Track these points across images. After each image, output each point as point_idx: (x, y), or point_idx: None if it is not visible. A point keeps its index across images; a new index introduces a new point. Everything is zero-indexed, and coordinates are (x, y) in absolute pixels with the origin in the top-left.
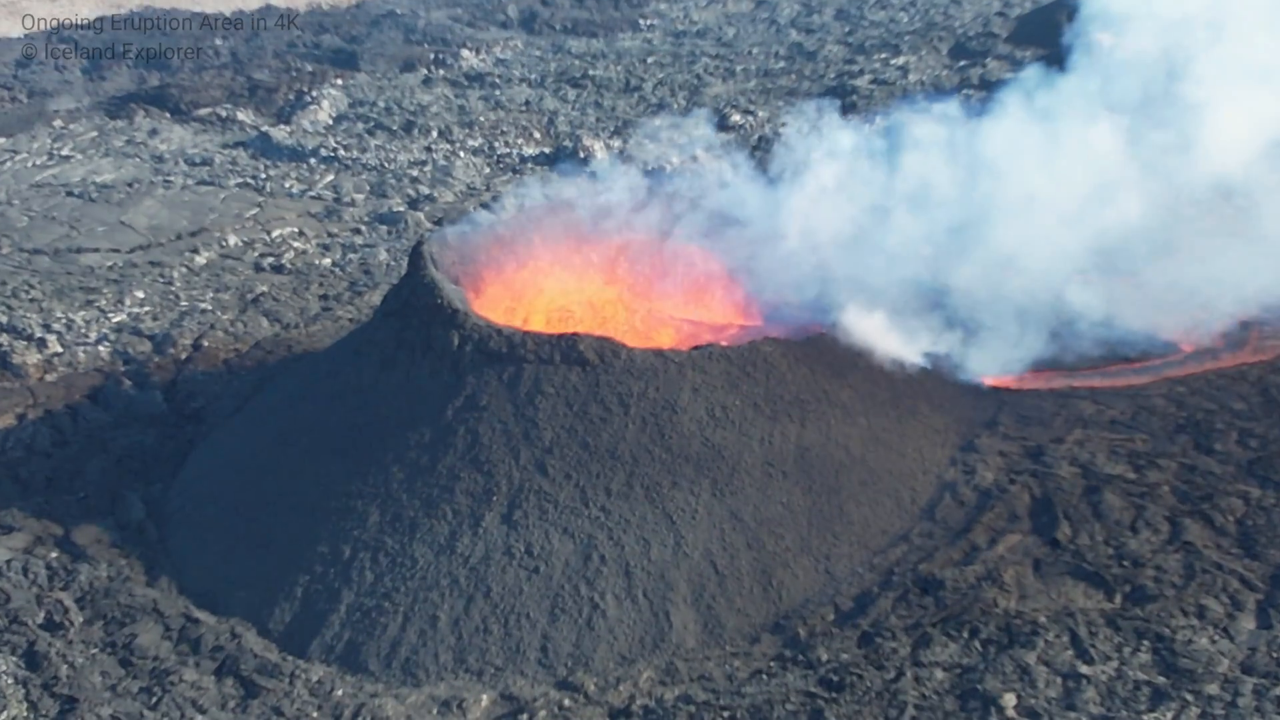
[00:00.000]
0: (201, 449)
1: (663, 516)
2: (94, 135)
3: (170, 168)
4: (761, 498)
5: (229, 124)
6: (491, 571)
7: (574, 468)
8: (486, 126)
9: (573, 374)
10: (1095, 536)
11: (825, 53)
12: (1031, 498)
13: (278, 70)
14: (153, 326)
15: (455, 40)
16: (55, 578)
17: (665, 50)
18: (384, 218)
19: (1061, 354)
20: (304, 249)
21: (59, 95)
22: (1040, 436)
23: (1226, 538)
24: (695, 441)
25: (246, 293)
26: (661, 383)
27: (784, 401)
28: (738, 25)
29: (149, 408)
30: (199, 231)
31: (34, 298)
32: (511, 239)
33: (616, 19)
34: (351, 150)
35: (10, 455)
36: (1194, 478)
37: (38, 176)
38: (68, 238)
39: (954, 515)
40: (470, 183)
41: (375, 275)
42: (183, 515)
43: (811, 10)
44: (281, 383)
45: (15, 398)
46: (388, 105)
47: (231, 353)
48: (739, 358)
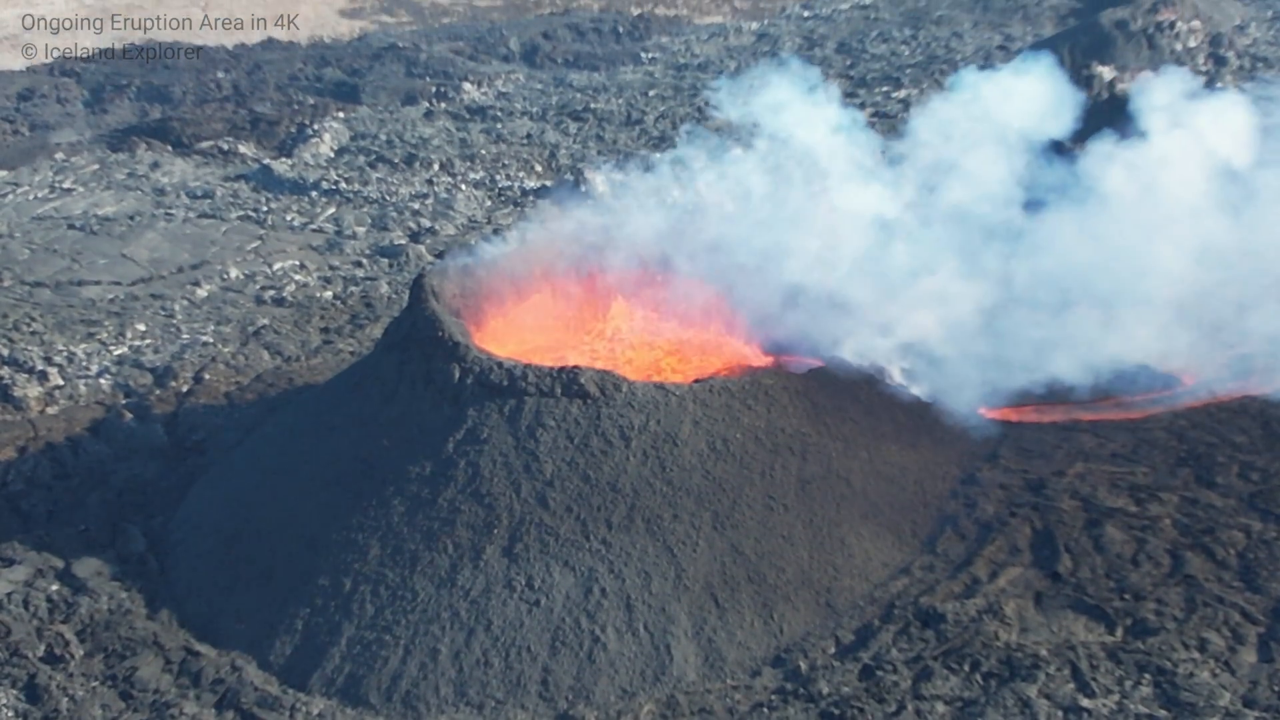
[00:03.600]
0: (202, 482)
1: (664, 549)
2: (96, 168)
3: (172, 201)
4: (762, 530)
5: (230, 157)
6: (492, 604)
7: (575, 500)
8: (488, 159)
9: (574, 407)
10: (1096, 569)
11: None
12: (1033, 530)
13: (279, 103)
14: (154, 359)
15: (457, 73)
16: (56, 610)
17: (667, 83)
18: (385, 250)
19: (1062, 387)
20: (305, 282)
21: (61, 128)
22: (1041, 469)
23: (1228, 571)
24: (696, 474)
25: (248, 325)
26: (662, 415)
27: (785, 434)
28: (739, 58)
29: (150, 440)
30: (200, 264)
31: (35, 330)
32: (513, 271)
33: (618, 52)
34: (353, 183)
35: (11, 488)
36: (1195, 511)
37: (39, 209)
38: (69, 270)
39: (955, 548)
40: (472, 215)
41: (376, 308)
42: (184, 548)
43: (813, 44)
44: (282, 415)
45: (16, 430)
46: (389, 138)
47: (233, 385)
48: (740, 390)
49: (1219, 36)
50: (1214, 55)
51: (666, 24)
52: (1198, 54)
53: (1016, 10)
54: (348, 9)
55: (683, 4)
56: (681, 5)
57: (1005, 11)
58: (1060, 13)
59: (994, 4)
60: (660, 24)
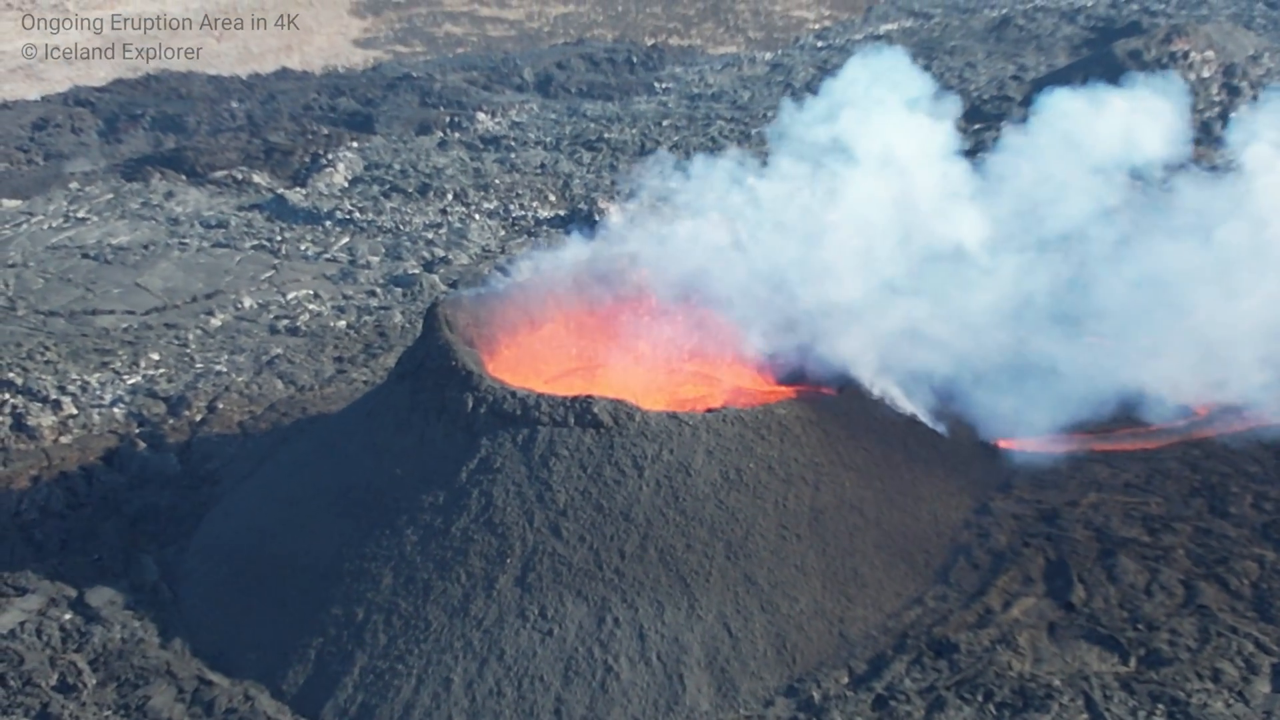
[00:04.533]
0: (216, 511)
1: (676, 579)
2: (110, 198)
3: (186, 230)
4: (776, 560)
5: (245, 187)
6: (505, 634)
7: (588, 530)
8: (502, 189)
9: (587, 436)
10: (1110, 600)
11: None
12: (1046, 561)
13: (293, 133)
14: (167, 388)
15: (471, 103)
16: (69, 639)
17: (680, 113)
18: (399, 280)
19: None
20: (319, 311)
21: (75, 158)
22: (1054, 499)
23: (1241, 601)
24: (709, 504)
25: (261, 355)
26: (676, 445)
27: (798, 464)
28: (753, 89)
29: (164, 469)
30: (214, 294)
31: (49, 360)
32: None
33: (632, 82)
34: (367, 213)
35: (25, 517)
36: (1209, 541)
37: (54, 239)
38: (83, 300)
39: (968, 578)
40: (485, 245)
41: (390, 337)
42: (197, 577)
43: (827, 74)
44: (296, 445)
45: (30, 459)
46: (403, 168)
47: (246, 414)
48: (753, 420)
49: (1233, 67)
50: (1228, 86)
51: (680, 54)
52: (1211, 84)
53: (1030, 40)
54: (362, 39)
55: (696, 34)
56: (695, 35)
57: (1018, 42)
58: (1073, 43)
59: (1007, 34)
60: (674, 54)
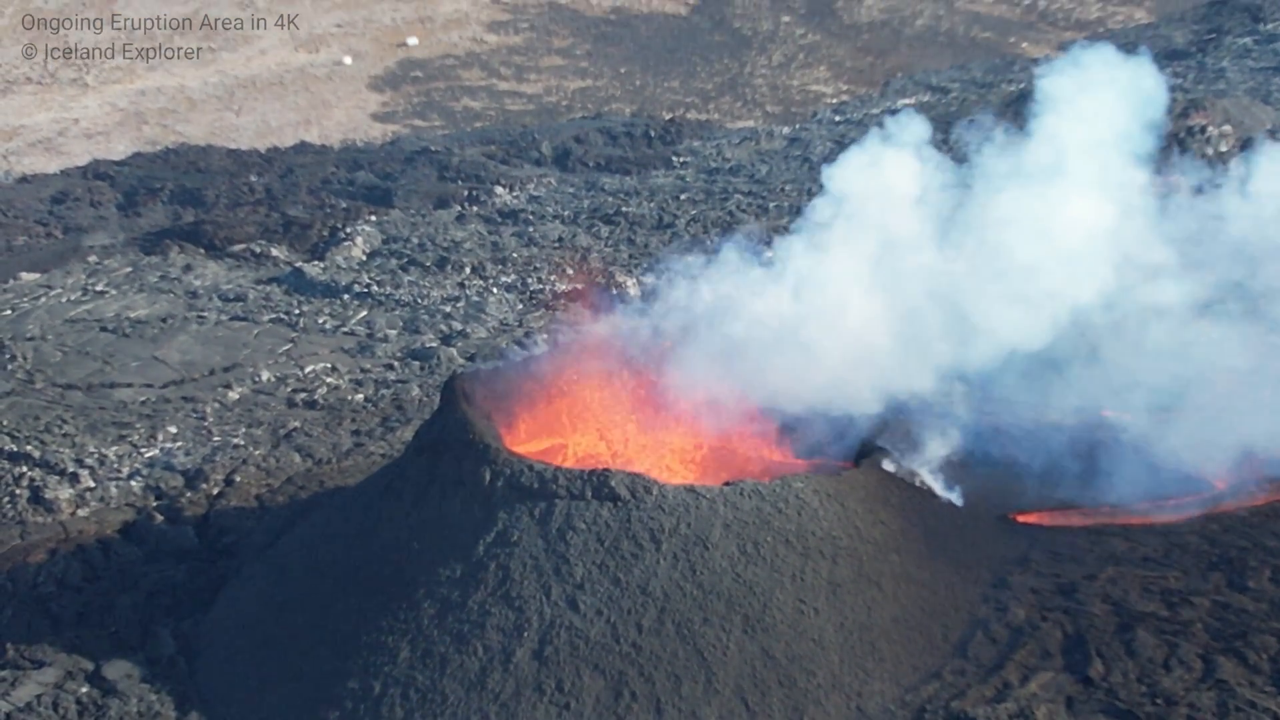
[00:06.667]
0: (233, 584)
1: (694, 653)
2: (128, 271)
3: (204, 303)
4: (793, 634)
5: (263, 260)
6: (522, 708)
7: (605, 604)
8: (520, 263)
9: (604, 510)
10: (1128, 674)
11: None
12: (1064, 635)
13: (312, 207)
14: (185, 461)
15: (489, 177)
16: (86, 713)
17: (698, 187)
18: (417, 353)
19: (1094, 490)
20: (337, 384)
21: (94, 231)
22: (1072, 573)
23: (1260, 675)
24: (727, 578)
25: (279, 428)
26: (693, 519)
27: (815, 538)
28: (770, 162)
29: (181, 543)
30: (232, 367)
31: (67, 433)
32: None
33: (650, 156)
34: (385, 286)
35: (42, 590)
36: (1227, 615)
37: (72, 312)
38: (101, 373)
39: (986, 652)
40: (503, 319)
41: (408, 411)
42: (214, 650)
43: (843, 147)
44: (313, 518)
45: (47, 532)
46: (421, 241)
47: (264, 488)
48: (770, 494)
49: (1250, 141)
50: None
51: (698, 128)
52: (1229, 158)
53: None
54: (380, 113)
55: (714, 109)
56: (713, 110)
57: None
58: None
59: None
60: (691, 128)
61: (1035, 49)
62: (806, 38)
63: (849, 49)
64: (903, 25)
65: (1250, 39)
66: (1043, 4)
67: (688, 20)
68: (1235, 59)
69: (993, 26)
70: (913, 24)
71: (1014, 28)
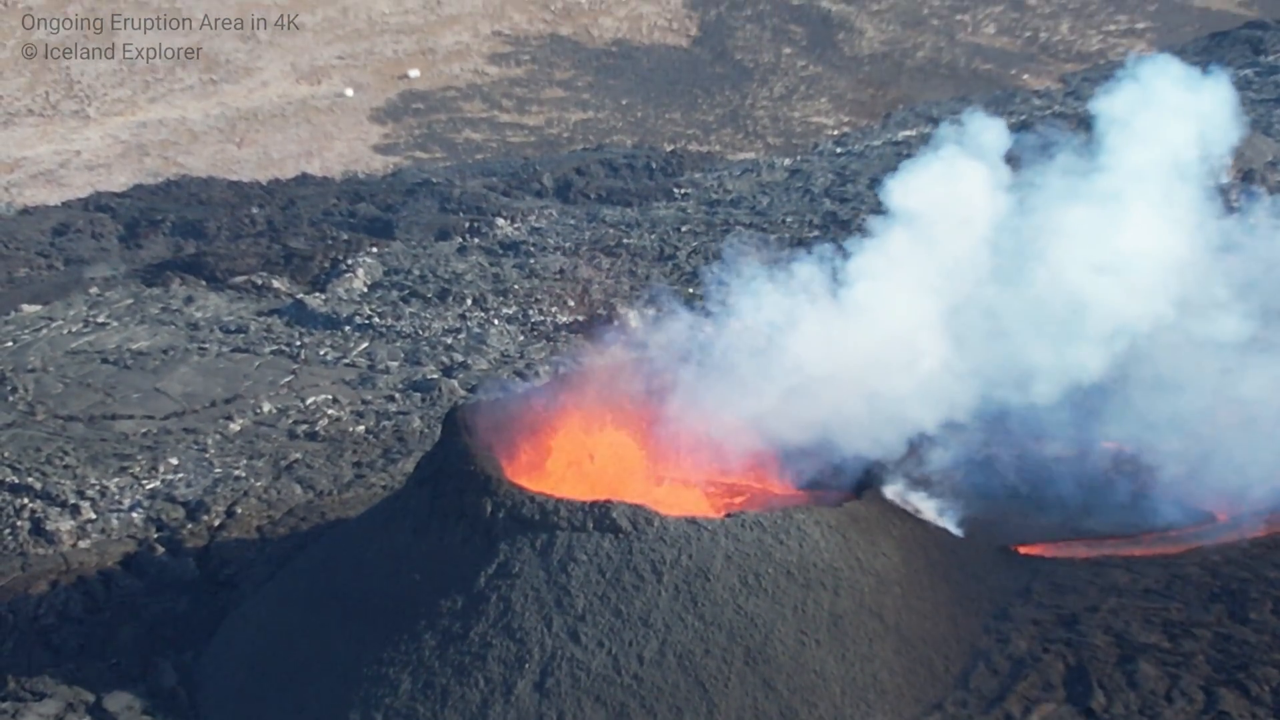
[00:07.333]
0: (234, 616)
1: (695, 685)
2: (130, 303)
3: (205, 335)
4: (794, 666)
5: (264, 292)
6: None
7: (606, 635)
8: (521, 294)
9: (605, 541)
10: (1130, 706)
11: (859, 222)
12: (1065, 666)
13: (313, 239)
14: (186, 493)
15: (490, 209)
16: None
17: (699, 219)
18: (418, 385)
19: (1096, 522)
20: (338, 416)
21: (95, 263)
22: (1074, 605)
23: (1262, 707)
24: (728, 609)
25: (280, 460)
26: (694, 550)
27: (817, 569)
28: (772, 194)
29: (182, 574)
30: (233, 398)
31: (68, 464)
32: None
33: (651, 188)
34: (386, 318)
35: (43, 622)
36: (1229, 647)
37: (73, 344)
38: (102, 404)
39: (988, 684)
40: (504, 350)
41: (409, 443)
42: (215, 682)
43: (845, 179)
44: (314, 550)
45: (48, 564)
46: (423, 273)
47: (265, 520)
48: (772, 525)
49: (1251, 173)
50: (1246, 193)
51: (699, 160)
52: (1230, 190)
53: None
54: (382, 144)
55: (715, 140)
56: (714, 142)
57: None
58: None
59: (1025, 140)
60: (693, 160)
61: (1036, 80)
62: (808, 70)
63: (850, 81)
64: (904, 57)
65: (1251, 71)
66: (1044, 36)
67: (689, 52)
68: (1236, 91)
69: (994, 58)
70: (914, 56)
71: (1015, 60)
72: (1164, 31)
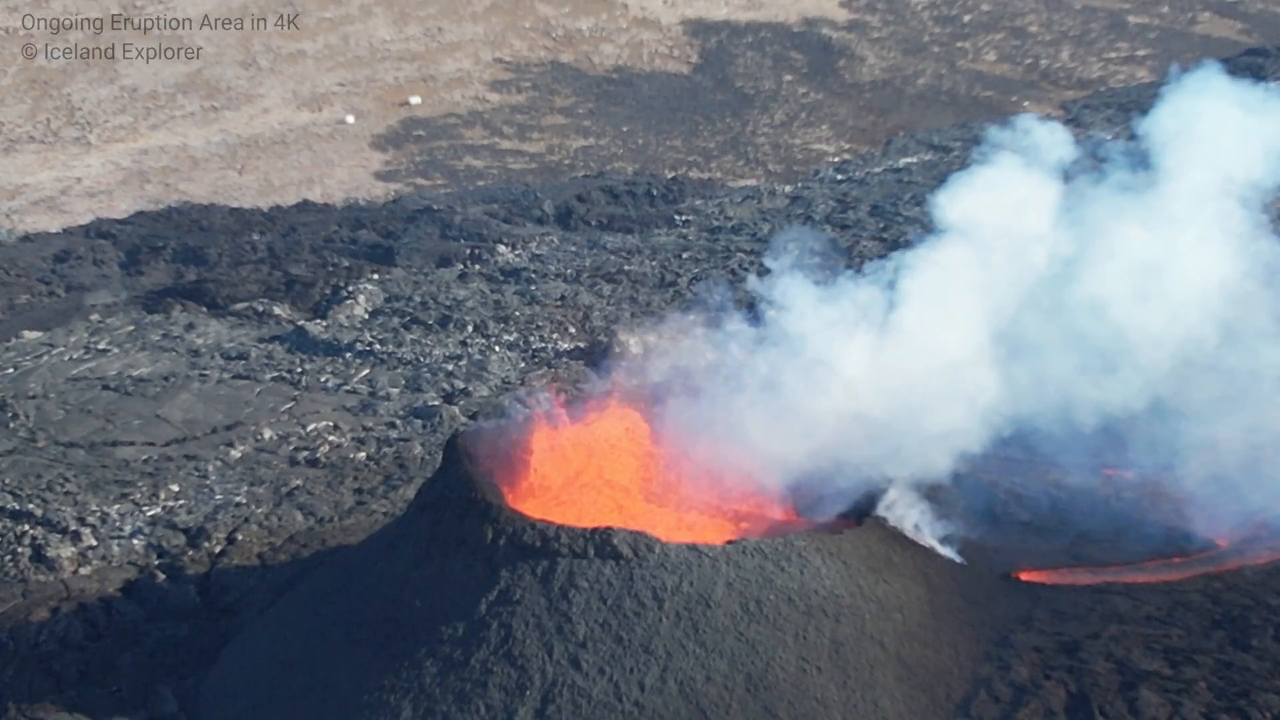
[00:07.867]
0: (235, 643)
1: (696, 711)
2: (131, 329)
3: (206, 362)
4: (796, 693)
5: (265, 319)
6: None
7: (608, 662)
8: (522, 321)
9: (607, 568)
10: None
11: (860, 249)
12: (1067, 693)
13: (314, 265)
14: (187, 520)
15: (491, 236)
16: None
17: (700, 246)
18: (419, 412)
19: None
20: (339, 443)
21: (96, 290)
22: (1075, 632)
23: None
24: (729, 636)
25: (281, 486)
26: (695, 577)
27: (818, 596)
28: (773, 221)
29: (183, 601)
30: (234, 425)
31: (69, 491)
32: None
33: (652, 215)
34: (387, 345)
35: (43, 648)
36: (1230, 674)
37: (74, 370)
38: (103, 431)
39: (989, 711)
40: (505, 377)
41: (410, 469)
42: (216, 709)
43: (846, 206)
44: (315, 577)
45: (49, 591)
46: (424, 300)
47: (266, 546)
48: (773, 552)
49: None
50: None
51: (700, 187)
52: None
53: None
54: (383, 171)
55: (716, 167)
56: (715, 168)
57: None
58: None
59: None
60: (694, 187)
61: (1037, 107)
62: (808, 96)
63: (851, 108)
64: (904, 84)
65: None
66: (1044, 63)
67: (690, 79)
68: None
69: (994, 85)
70: (914, 83)
71: (1015, 86)
72: (1164, 59)
